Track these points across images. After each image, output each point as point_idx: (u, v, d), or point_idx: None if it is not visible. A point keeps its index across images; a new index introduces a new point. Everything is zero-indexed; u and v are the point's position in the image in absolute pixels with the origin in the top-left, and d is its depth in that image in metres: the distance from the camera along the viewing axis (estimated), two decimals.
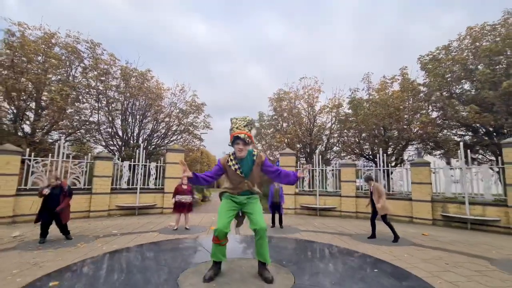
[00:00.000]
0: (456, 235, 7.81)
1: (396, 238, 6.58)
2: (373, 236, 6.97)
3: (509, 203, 8.02)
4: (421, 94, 14.10)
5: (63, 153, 9.63)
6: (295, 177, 2.97)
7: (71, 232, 6.40)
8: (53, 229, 6.14)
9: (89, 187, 10.07)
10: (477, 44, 12.08)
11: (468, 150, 9.54)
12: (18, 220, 8.35)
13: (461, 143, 9.39)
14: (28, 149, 9.02)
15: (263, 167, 3.07)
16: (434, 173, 10.25)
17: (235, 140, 2.91)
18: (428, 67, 13.50)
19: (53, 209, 5.70)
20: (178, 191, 7.36)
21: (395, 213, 10.43)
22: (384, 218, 6.68)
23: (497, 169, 8.66)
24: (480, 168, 9.08)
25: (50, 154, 9.43)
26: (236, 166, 2.89)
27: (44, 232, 5.80)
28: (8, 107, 11.79)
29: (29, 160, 8.88)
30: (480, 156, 13.77)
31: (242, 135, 2.84)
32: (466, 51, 12.78)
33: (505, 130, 11.19)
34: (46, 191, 5.66)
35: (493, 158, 12.76)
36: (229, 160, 2.98)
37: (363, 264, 3.36)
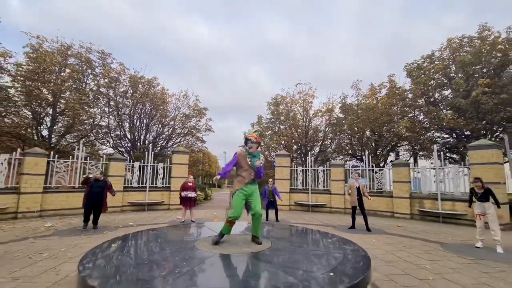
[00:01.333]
0: (427, 226, 8.97)
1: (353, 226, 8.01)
2: (352, 227, 8.14)
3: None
4: (408, 99, 15.25)
5: (78, 155, 10.82)
6: (260, 176, 4.12)
7: None
8: (79, 222, 7.36)
9: None
10: (456, 54, 13.23)
11: (441, 152, 10.67)
12: (44, 214, 9.55)
13: (435, 146, 10.56)
14: (52, 152, 10.22)
15: (261, 167, 4.24)
16: (418, 172, 11.33)
17: (247, 141, 4.11)
18: (413, 75, 14.64)
19: (95, 200, 6.91)
20: (184, 188, 8.55)
21: (378, 209, 11.64)
22: (364, 210, 7.84)
23: (465, 169, 9.79)
24: (451, 168, 10.24)
25: (70, 156, 10.63)
26: (249, 159, 4.03)
27: (86, 218, 7.04)
28: (29, 113, 12.96)
29: (53, 161, 10.09)
30: (460, 157, 14.92)
31: (252, 138, 4.04)
32: (447, 60, 13.92)
33: (482, 132, 12.33)
34: (92, 179, 6.93)
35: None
36: (242, 153, 4.12)
37: (325, 238, 4.45)
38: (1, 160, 8.83)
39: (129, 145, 17.23)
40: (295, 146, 18.97)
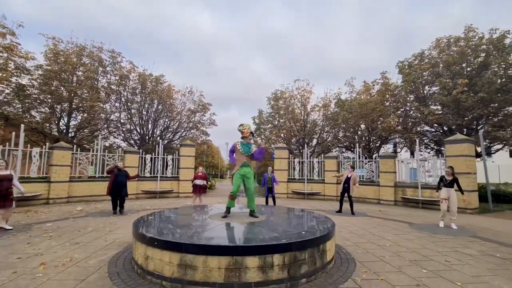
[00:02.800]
0: (406, 211, 10.24)
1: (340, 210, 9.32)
2: (340, 211, 9.41)
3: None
4: (398, 96, 16.27)
5: (97, 148, 12.09)
6: (256, 158, 5.28)
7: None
8: (106, 206, 8.67)
9: None
10: (443, 54, 14.16)
11: (424, 145, 11.81)
12: (71, 200, 10.91)
13: (417, 140, 11.68)
14: (75, 146, 11.49)
15: (255, 152, 5.39)
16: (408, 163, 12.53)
17: (243, 135, 5.29)
18: (404, 72, 15.61)
19: (119, 187, 8.09)
20: (195, 177, 9.83)
21: (367, 196, 12.92)
22: (350, 196, 9.06)
23: (443, 161, 10.95)
24: (430, 160, 11.42)
25: (90, 149, 11.90)
26: (239, 147, 5.18)
27: (114, 205, 8.25)
28: (48, 110, 14.18)
29: (76, 154, 11.37)
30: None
31: (243, 129, 5.19)
32: (436, 58, 14.85)
33: (464, 127, 13.42)
34: (116, 170, 8.16)
35: None
36: (238, 145, 5.28)
37: (307, 215, 5.66)
38: (34, 153, 10.11)
39: (137, 138, 18.48)
40: (294, 139, 20.15)
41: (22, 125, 10.03)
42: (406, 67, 15.72)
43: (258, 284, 3.06)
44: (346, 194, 9.08)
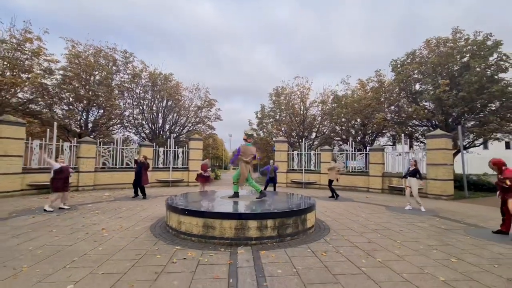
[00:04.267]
0: (389, 197, 11.64)
1: (336, 196, 10.60)
2: (332, 196, 10.84)
3: (428, 176, 11.72)
4: (391, 92, 17.44)
5: (117, 141, 13.60)
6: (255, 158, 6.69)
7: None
8: (129, 192, 10.21)
9: None
10: (432, 54, 15.24)
11: (412, 139, 13.09)
12: (96, 188, 12.49)
13: (403, 135, 12.97)
14: (98, 140, 13.00)
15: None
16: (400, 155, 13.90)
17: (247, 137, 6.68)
18: (396, 70, 16.73)
19: (138, 176, 9.59)
20: (202, 168, 11.28)
21: (358, 185, 14.33)
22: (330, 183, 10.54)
23: (424, 153, 12.26)
24: (414, 153, 12.74)
25: (111, 143, 13.42)
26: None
27: (135, 191, 9.78)
28: (67, 108, 15.67)
29: (100, 147, 12.89)
30: None
31: (245, 137, 6.59)
32: (425, 58, 15.93)
33: (450, 123, 14.62)
34: (142, 161, 9.63)
35: None
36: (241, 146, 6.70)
37: (297, 197, 7.07)
38: (65, 147, 11.64)
39: (148, 131, 19.98)
40: (294, 132, 21.49)
41: (55, 123, 11.52)
42: (399, 65, 16.83)
43: (256, 239, 4.52)
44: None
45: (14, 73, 12.64)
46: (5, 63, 12.48)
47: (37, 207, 7.57)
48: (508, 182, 5.16)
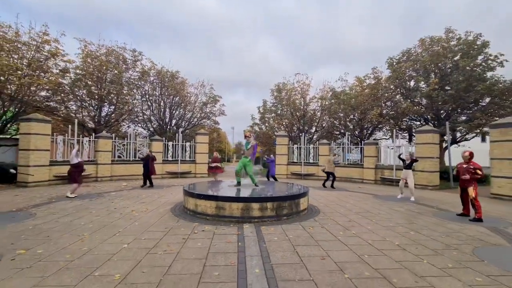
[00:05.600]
0: (381, 188, 12.71)
1: (324, 184, 11.71)
2: (327, 181, 11.95)
3: (416, 168, 12.74)
4: (387, 89, 18.32)
5: (131, 136, 14.75)
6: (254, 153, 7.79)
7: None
8: (141, 183, 11.40)
9: None
10: (425, 53, 16.04)
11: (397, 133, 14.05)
12: (113, 178, 13.71)
13: (394, 130, 13.96)
14: (113, 134, 14.15)
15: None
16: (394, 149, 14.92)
17: (245, 136, 7.77)
18: (392, 68, 17.57)
19: (146, 168, 10.78)
20: (214, 161, 12.44)
21: (353, 176, 15.41)
22: (329, 175, 11.63)
23: (414, 147, 13.26)
24: (403, 147, 13.76)
25: (125, 138, 14.58)
26: (244, 146, 7.69)
27: (144, 181, 10.98)
28: (79, 104, 16.79)
29: (115, 141, 14.06)
30: None
31: (245, 134, 7.68)
32: (419, 56, 16.74)
33: (441, 118, 15.54)
34: (148, 154, 10.80)
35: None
36: (243, 144, 7.79)
37: (293, 185, 8.17)
38: (85, 141, 12.82)
39: (156, 126, 21.11)
40: (295, 127, 22.50)
41: (76, 120, 12.66)
42: (394, 63, 17.66)
43: (258, 218, 5.64)
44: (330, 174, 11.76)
45: (36, 73, 13.71)
46: (24, 62, 13.55)
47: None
48: (479, 172, 6.16)
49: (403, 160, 9.76)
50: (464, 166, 6.45)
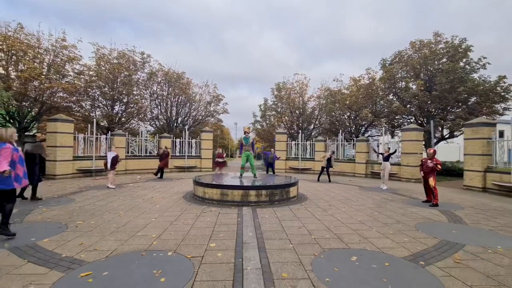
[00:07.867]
0: (370, 180, 13.98)
1: (318, 179, 12.99)
2: (317, 179, 13.27)
3: (401, 163, 14.00)
4: (379, 89, 19.46)
5: (142, 133, 16.14)
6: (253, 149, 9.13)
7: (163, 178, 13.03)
8: (154, 176, 12.81)
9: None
10: (414, 55, 17.11)
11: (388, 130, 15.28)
12: (127, 172, 15.15)
13: (383, 128, 15.15)
14: (126, 132, 15.56)
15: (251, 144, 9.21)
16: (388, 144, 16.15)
17: (245, 132, 9.09)
18: (384, 69, 18.67)
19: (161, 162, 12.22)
20: (218, 156, 13.79)
21: (346, 171, 16.69)
22: (323, 169, 12.93)
23: (400, 144, 14.47)
24: (392, 143, 14.97)
25: (137, 135, 15.98)
26: (243, 140, 9.01)
27: (157, 172, 12.42)
28: (90, 103, 18.21)
29: (128, 138, 15.47)
30: None
31: (245, 130, 9.00)
32: (409, 58, 17.81)
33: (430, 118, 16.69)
34: (166, 151, 12.21)
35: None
36: (242, 139, 9.10)
37: (287, 178, 9.49)
38: (102, 139, 14.24)
39: (162, 123, 22.50)
40: (294, 124, 23.75)
41: (95, 120, 14.05)
42: (387, 64, 18.75)
43: (255, 202, 6.99)
44: (325, 169, 13.08)
45: (55, 77, 15.11)
46: (44, 66, 14.93)
47: (92, 185, 10.22)
48: (439, 166, 7.47)
49: (381, 154, 11.13)
50: (429, 161, 7.73)
